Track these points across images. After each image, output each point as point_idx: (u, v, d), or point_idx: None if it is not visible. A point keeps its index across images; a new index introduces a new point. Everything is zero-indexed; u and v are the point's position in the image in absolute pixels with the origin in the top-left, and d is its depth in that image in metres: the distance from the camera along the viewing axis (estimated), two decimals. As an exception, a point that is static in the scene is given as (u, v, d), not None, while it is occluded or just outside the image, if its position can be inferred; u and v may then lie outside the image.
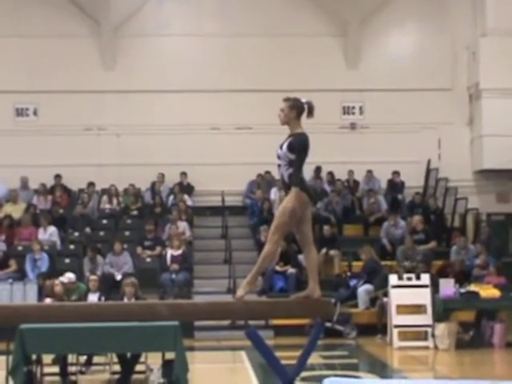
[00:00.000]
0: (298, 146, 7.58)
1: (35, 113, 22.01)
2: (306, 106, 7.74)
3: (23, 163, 21.13)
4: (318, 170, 21.91)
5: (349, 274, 18.27)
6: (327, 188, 21.61)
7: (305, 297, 7.83)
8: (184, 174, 21.69)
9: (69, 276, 14.43)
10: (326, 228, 19.31)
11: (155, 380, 11.15)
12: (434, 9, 22.43)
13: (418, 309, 15.97)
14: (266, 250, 7.71)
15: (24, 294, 17.08)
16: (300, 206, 7.53)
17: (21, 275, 17.81)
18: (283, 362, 7.89)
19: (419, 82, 22.07)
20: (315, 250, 8.00)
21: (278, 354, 7.96)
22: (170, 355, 11.05)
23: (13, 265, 17.91)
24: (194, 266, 18.98)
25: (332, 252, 18.88)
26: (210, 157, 21.52)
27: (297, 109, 7.71)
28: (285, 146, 7.63)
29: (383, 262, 18.20)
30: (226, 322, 15.04)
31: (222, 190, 21.24)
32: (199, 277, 18.75)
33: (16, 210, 20.05)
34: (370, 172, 21.83)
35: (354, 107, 22.55)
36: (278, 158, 7.69)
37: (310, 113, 7.75)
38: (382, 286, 16.73)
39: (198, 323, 16.07)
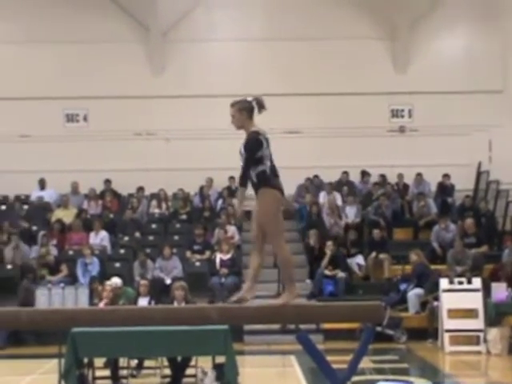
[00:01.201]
0: (253, 144, 7.52)
1: (85, 118, 22.22)
2: (254, 103, 7.64)
3: (73, 168, 21.33)
4: (364, 173, 21.84)
5: (399, 277, 18.14)
6: (370, 190, 21.54)
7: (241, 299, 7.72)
8: (232, 178, 21.66)
9: (115, 281, 14.49)
10: (376, 232, 19.20)
11: (209, 383, 11.17)
12: (483, 11, 22.22)
13: (469, 313, 15.80)
14: (280, 259, 7.76)
15: (76, 298, 17.21)
16: (275, 204, 7.58)
17: (72, 280, 17.96)
18: (333, 366, 7.85)
19: (469, 84, 21.88)
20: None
21: (328, 358, 7.92)
22: (220, 359, 11.08)
23: (64, 269, 18.07)
24: (242, 270, 18.94)
25: (381, 256, 18.76)
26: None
27: (246, 110, 7.67)
28: (242, 150, 7.60)
29: (433, 266, 18.02)
30: (275, 326, 15.01)
31: (270, 193, 21.18)
32: (248, 281, 18.70)
33: (67, 215, 20.24)
34: (419, 175, 21.66)
35: (402, 110, 22.41)
36: (241, 161, 7.65)
37: (261, 107, 7.69)
38: (433, 290, 16.59)
39: (247, 327, 16.07)
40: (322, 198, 21.01)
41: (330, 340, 16.05)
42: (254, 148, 7.49)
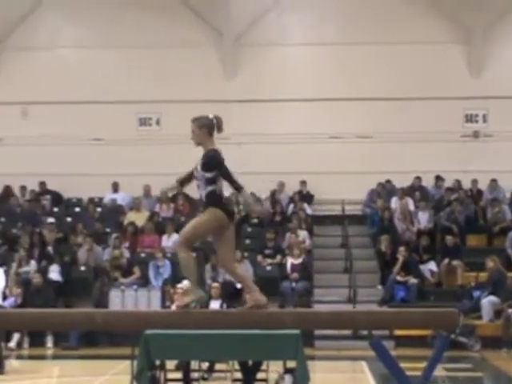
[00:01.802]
0: (211, 163, 7.45)
1: (158, 122, 22.41)
2: (214, 122, 7.58)
3: (146, 172, 21.51)
4: (438, 178, 21.60)
5: (472, 284, 17.88)
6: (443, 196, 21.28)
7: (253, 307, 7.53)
8: (304, 182, 21.70)
9: (186, 283, 14.54)
10: (449, 238, 18.96)
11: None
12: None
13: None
14: (180, 261, 7.53)
15: (148, 301, 17.36)
16: (215, 223, 7.41)
17: (144, 282, 18.12)
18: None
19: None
20: (237, 268, 7.69)
21: (400, 364, 7.82)
22: (291, 364, 11.04)
23: (136, 272, 18.24)
24: (313, 275, 18.93)
25: (455, 262, 18.50)
26: (330, 165, 21.43)
27: (206, 127, 7.61)
28: (199, 168, 7.52)
29: (509, 274, 17.72)
30: (346, 332, 14.91)
31: (341, 198, 21.15)
32: (319, 286, 18.68)
33: (139, 218, 20.42)
34: (494, 181, 21.33)
35: (477, 115, 22.10)
36: (196, 179, 7.59)
37: (219, 128, 7.63)
38: (508, 297, 16.30)
39: (318, 332, 16.01)
40: (394, 203, 20.83)
41: (401, 346, 15.88)
42: (218, 167, 7.45)
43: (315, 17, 22.35)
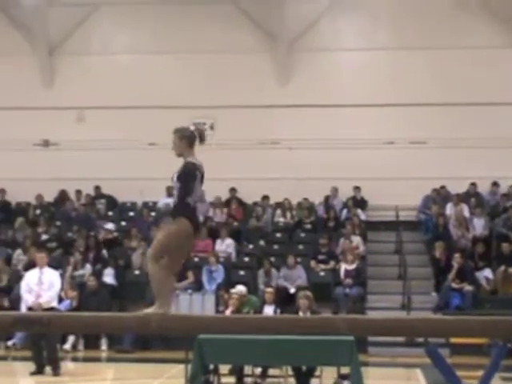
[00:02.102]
0: (183, 175, 7.36)
1: (212, 127, 22.48)
2: (196, 134, 7.53)
3: (200, 176, 21.54)
4: (494, 184, 21.35)
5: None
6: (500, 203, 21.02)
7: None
8: (357, 188, 21.60)
9: (240, 289, 14.58)
10: (505, 245, 18.72)
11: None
12: None
13: None
14: (150, 274, 7.48)
15: (202, 305, 17.40)
16: (183, 234, 7.29)
17: (198, 286, 18.18)
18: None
19: None
20: (156, 268, 7.46)
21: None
22: (344, 370, 11.00)
23: (190, 276, 18.30)
24: (367, 281, 18.83)
25: (511, 270, 18.24)
26: (384, 171, 21.30)
27: (186, 138, 7.50)
28: (175, 178, 7.44)
29: None
30: (400, 338, 14.79)
31: (395, 204, 21.00)
32: (373, 292, 18.57)
33: (193, 223, 20.44)
34: (552, 187, 21.03)
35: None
36: (173, 188, 7.54)
37: (202, 139, 7.55)
38: None
39: (371, 338, 15.88)
40: (449, 209, 20.63)
41: (457, 354, 15.69)
42: (190, 179, 7.38)
43: (369, 22, 22.27)
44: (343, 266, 18.26)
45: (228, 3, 22.24)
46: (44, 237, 20.21)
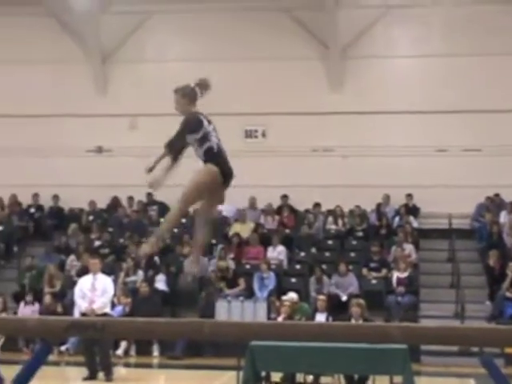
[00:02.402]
0: (192, 123, 7.56)
1: (264, 134, 22.49)
2: (197, 89, 7.74)
3: (251, 183, 21.55)
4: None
5: None
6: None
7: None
8: (409, 195, 21.43)
9: (291, 296, 14.55)
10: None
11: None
12: None
13: None
14: (172, 210, 7.71)
15: (254, 312, 17.39)
16: (210, 177, 7.42)
17: (249, 293, 18.18)
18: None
19: None
20: (184, 208, 7.64)
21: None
22: (397, 379, 10.89)
23: (241, 283, 18.31)
24: (420, 289, 18.66)
25: None
26: (436, 178, 21.11)
27: (188, 96, 7.71)
28: (187, 134, 7.59)
29: None
30: (454, 348, 14.63)
31: (448, 212, 20.81)
32: (425, 300, 18.40)
33: (244, 229, 20.52)
34: None
35: None
36: (191, 145, 7.65)
37: (205, 87, 7.88)
38: None
39: (424, 347, 15.73)
40: (503, 217, 20.38)
41: (511, 365, 15.47)
42: (192, 124, 7.54)
43: (422, 28, 22.08)
44: (395, 274, 18.13)
45: (280, 10, 22.24)
46: (97, 243, 20.38)
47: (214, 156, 7.46)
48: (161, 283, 18.60)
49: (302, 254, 19.74)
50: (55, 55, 22.82)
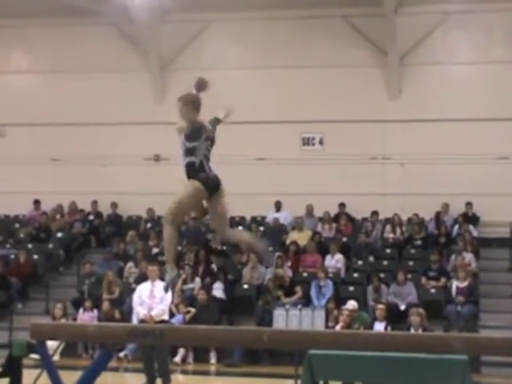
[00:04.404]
0: (192, 133, 7.61)
1: (321, 142, 22.42)
2: (199, 98, 7.81)
3: (308, 191, 21.55)
4: None
5: None
6: None
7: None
8: (469, 204, 21.16)
9: (352, 303, 14.47)
10: None
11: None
12: None
13: None
14: (164, 236, 7.85)
15: (312, 320, 17.30)
16: (192, 198, 7.67)
17: (306, 301, 18.11)
18: None
19: None
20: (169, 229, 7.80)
21: None
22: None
23: (299, 291, 18.25)
24: (480, 299, 18.40)
25: None
26: (497, 187, 20.81)
27: (190, 103, 7.76)
28: (183, 137, 7.70)
29: None
30: (515, 359, 14.38)
31: (509, 221, 20.49)
32: (485, 310, 18.12)
33: (301, 237, 20.46)
34: None
35: None
36: (181, 148, 7.77)
37: (202, 88, 7.90)
38: None
39: (484, 358, 15.52)
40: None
41: None
42: (191, 133, 7.63)
43: (482, 34, 21.82)
44: (455, 284, 17.89)
45: (338, 17, 22.17)
46: (155, 250, 20.49)
47: (195, 171, 7.67)
48: (218, 291, 18.61)
49: (360, 262, 19.61)
50: (115, 64, 23.06)
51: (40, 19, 23.04)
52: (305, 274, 19.11)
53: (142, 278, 16.63)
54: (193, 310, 17.49)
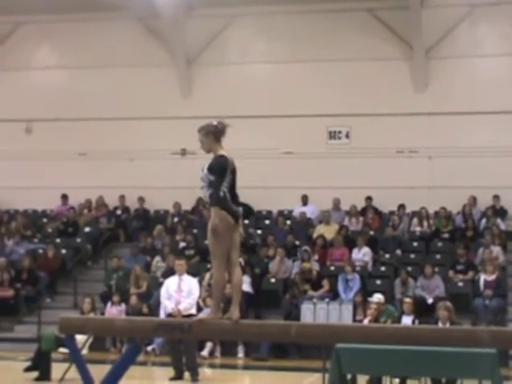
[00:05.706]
0: (216, 167, 7.58)
1: (347, 136, 22.37)
2: (219, 127, 7.74)
3: (335, 185, 21.54)
4: None
5: None
6: None
7: (227, 318, 7.83)
8: (496, 197, 21.06)
9: (378, 296, 14.41)
10: None
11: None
12: None
13: None
14: (214, 278, 7.89)
15: (339, 314, 17.28)
16: (221, 223, 7.62)
17: (333, 295, 18.10)
18: None
19: None
20: (239, 272, 7.99)
21: None
22: (485, 383, 10.71)
23: (326, 285, 18.24)
24: (507, 293, 18.31)
25: None
26: (525, 179, 20.71)
27: (212, 133, 7.75)
28: (205, 168, 7.65)
29: None
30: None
31: (538, 214, 20.39)
32: (514, 304, 18.06)
33: (328, 231, 20.44)
34: None
35: None
36: (202, 180, 7.70)
37: (221, 132, 7.82)
38: None
39: (512, 352, 15.46)
40: None
41: None
42: (226, 170, 7.67)
43: (509, 27, 21.66)
44: (482, 277, 17.81)
45: (364, 11, 22.10)
46: (182, 244, 20.54)
47: (218, 200, 7.67)
48: (245, 285, 18.56)
49: (387, 255, 19.57)
50: (141, 59, 23.13)
51: (66, 15, 23.15)
52: (332, 268, 19.11)
53: (169, 272, 16.69)
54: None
